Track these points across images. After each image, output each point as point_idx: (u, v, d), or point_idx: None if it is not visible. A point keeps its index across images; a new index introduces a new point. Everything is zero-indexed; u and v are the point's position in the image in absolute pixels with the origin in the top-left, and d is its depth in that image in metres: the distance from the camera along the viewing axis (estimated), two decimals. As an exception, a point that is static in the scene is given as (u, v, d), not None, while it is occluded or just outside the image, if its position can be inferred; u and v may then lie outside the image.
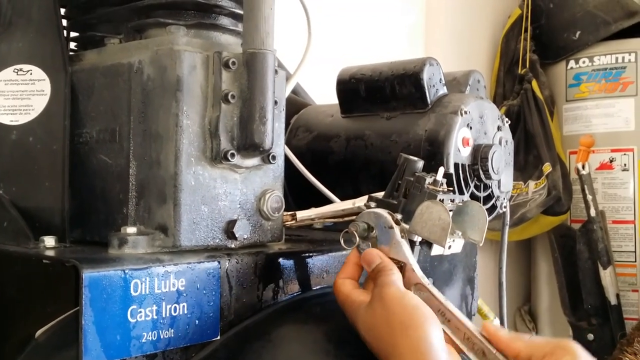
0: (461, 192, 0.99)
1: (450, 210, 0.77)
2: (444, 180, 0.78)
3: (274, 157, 0.75)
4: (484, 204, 1.05)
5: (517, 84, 2.33)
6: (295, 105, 1.24)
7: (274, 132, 0.72)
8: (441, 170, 0.78)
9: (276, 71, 0.75)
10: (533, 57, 2.33)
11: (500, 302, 1.13)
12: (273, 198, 0.77)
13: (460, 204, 0.81)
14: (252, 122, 0.70)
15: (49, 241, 0.72)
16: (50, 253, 0.70)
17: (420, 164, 0.80)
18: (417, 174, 0.78)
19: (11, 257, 0.74)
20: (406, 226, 0.76)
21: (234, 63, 0.70)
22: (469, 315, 1.14)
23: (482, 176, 1.01)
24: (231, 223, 0.73)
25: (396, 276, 0.69)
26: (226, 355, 0.71)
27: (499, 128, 1.07)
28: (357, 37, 1.94)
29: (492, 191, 1.05)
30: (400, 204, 0.78)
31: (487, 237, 1.04)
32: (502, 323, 1.13)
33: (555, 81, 2.38)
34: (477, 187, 1.02)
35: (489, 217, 1.09)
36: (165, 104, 0.70)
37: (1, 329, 0.81)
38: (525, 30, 2.36)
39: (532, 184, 2.22)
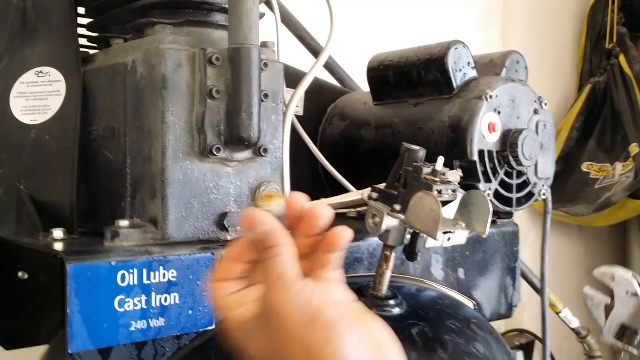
0: (488, 180, 0.95)
1: (449, 202, 0.75)
2: (446, 170, 0.76)
3: (265, 150, 0.76)
4: (519, 191, 1.00)
5: (604, 60, 2.19)
6: (335, 93, 1.24)
7: (260, 125, 0.72)
8: (440, 159, 0.75)
9: (266, 64, 0.75)
10: (622, 30, 2.18)
11: (543, 296, 1.07)
12: (269, 190, 0.77)
13: (473, 194, 0.78)
14: (237, 116, 0.71)
15: (58, 233, 0.76)
16: (58, 245, 0.75)
17: (422, 153, 0.77)
18: (415, 164, 0.76)
19: (26, 249, 0.79)
20: (402, 217, 0.74)
21: (217, 59, 0.71)
22: (510, 308, 1.10)
23: (513, 163, 0.97)
24: (223, 216, 0.74)
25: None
26: (221, 344, 0.73)
27: (535, 111, 1.02)
28: (427, 16, 1.89)
29: (528, 178, 1.01)
30: (400, 195, 0.76)
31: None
32: (544, 319, 1.07)
33: (646, 55, 2.21)
34: (508, 174, 0.98)
35: (526, 204, 1.04)
36: (154, 102, 0.72)
37: (38, 313, 0.87)
38: (613, 2, 2.20)
39: (619, 166, 2.08)
